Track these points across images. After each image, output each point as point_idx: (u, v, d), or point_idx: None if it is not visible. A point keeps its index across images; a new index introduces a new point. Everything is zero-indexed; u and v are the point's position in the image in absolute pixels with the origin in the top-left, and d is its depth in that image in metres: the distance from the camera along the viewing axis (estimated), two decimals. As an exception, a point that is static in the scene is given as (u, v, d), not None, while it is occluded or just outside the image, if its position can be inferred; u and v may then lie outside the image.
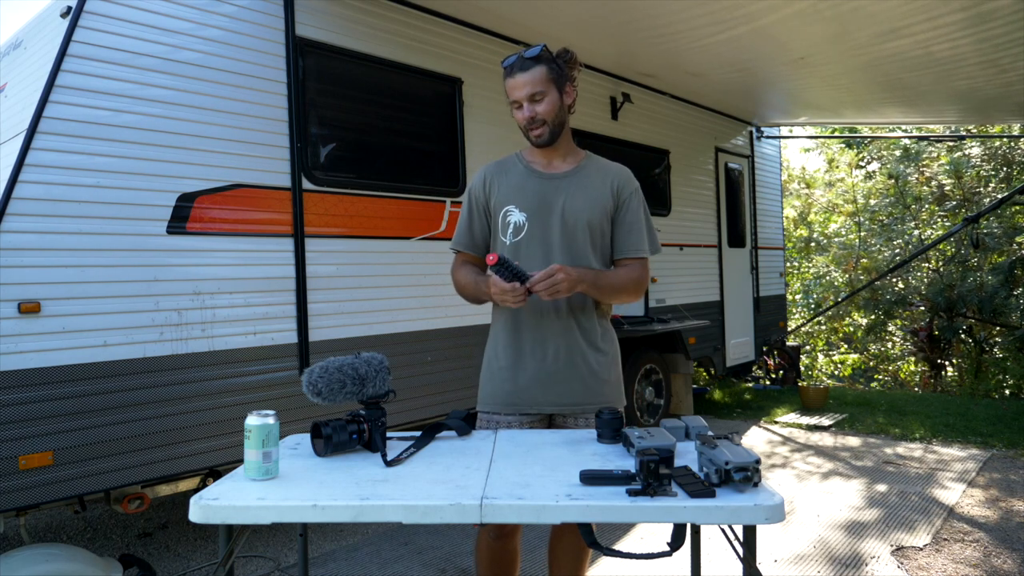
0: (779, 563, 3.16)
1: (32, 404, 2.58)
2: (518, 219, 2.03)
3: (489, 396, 2.08)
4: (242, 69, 3.25)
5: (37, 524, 3.92)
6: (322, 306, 3.49)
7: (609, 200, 2.04)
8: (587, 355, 2.03)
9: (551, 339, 2.00)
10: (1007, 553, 3.22)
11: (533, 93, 1.95)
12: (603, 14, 4.19)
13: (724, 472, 1.37)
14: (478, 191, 2.11)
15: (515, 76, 1.96)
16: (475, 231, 2.13)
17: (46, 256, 2.64)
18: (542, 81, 1.95)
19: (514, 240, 2.03)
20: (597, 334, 2.06)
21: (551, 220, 2.01)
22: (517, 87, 1.96)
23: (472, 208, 2.13)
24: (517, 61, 1.97)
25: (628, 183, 2.09)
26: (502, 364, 2.06)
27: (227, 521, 1.36)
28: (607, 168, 2.11)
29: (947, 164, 10.16)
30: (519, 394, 2.03)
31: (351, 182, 3.67)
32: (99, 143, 2.79)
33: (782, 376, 7.86)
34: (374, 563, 3.24)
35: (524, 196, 2.04)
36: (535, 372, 2.01)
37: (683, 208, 6.22)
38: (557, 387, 2.01)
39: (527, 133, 2.01)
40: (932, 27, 4.16)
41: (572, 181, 2.05)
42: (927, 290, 9.71)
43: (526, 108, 1.97)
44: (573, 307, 2.02)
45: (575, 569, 2.05)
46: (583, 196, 2.02)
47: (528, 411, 2.03)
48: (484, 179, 2.11)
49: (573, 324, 2.02)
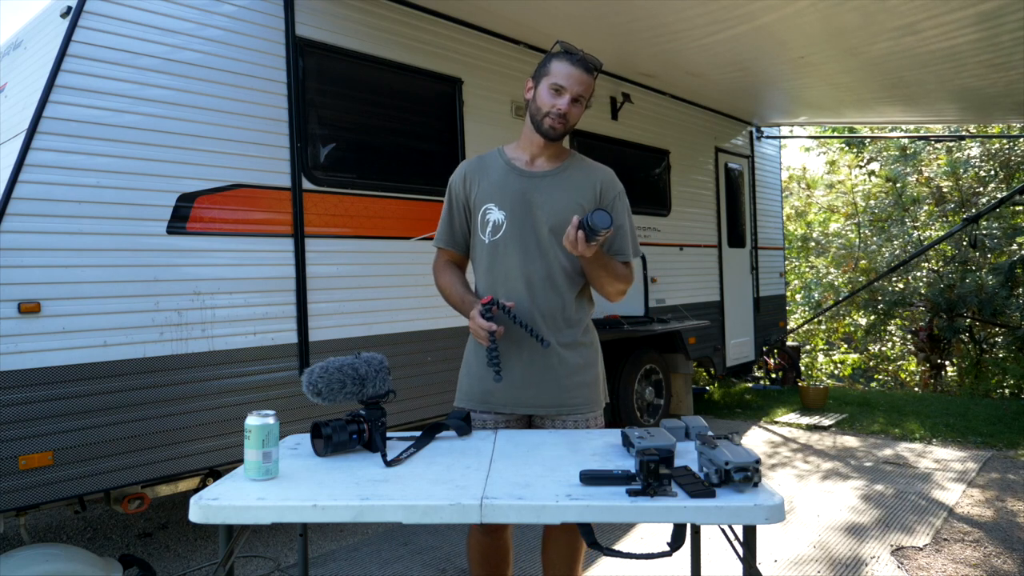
0: (779, 563, 3.16)
1: (32, 404, 2.58)
2: (497, 217, 2.00)
3: (465, 393, 2.07)
4: (242, 69, 3.25)
5: (37, 524, 3.92)
6: (322, 306, 3.49)
7: (591, 201, 2.01)
8: (564, 356, 2.00)
9: (528, 339, 1.96)
10: (1007, 553, 3.22)
11: (581, 94, 1.94)
12: (603, 13, 4.19)
13: (724, 472, 1.37)
14: (458, 188, 2.08)
15: (577, 68, 1.92)
16: (455, 228, 2.10)
17: (46, 256, 2.64)
18: (589, 89, 1.95)
19: (492, 239, 2.01)
20: (576, 334, 2.03)
21: (530, 219, 1.98)
22: (574, 80, 1.92)
23: (452, 205, 2.10)
24: (582, 58, 1.95)
25: (612, 185, 2.06)
26: (480, 362, 2.03)
27: (227, 521, 1.36)
28: (591, 168, 2.08)
29: (945, 165, 10.17)
30: (494, 393, 2.01)
31: (351, 182, 3.67)
32: (99, 143, 2.79)
33: (782, 376, 7.86)
34: (374, 563, 3.23)
35: (504, 194, 2.01)
36: (510, 372, 1.97)
37: (683, 208, 6.22)
38: (533, 388, 1.98)
39: (542, 120, 1.95)
40: (934, 25, 4.16)
41: (554, 181, 2.02)
42: (927, 290, 9.71)
43: (566, 100, 1.93)
44: (552, 307, 1.99)
45: (569, 569, 2.03)
46: (564, 196, 1.99)
47: (502, 410, 2.01)
48: (464, 175, 2.08)
49: (551, 324, 1.99)
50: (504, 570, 2.11)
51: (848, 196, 12.54)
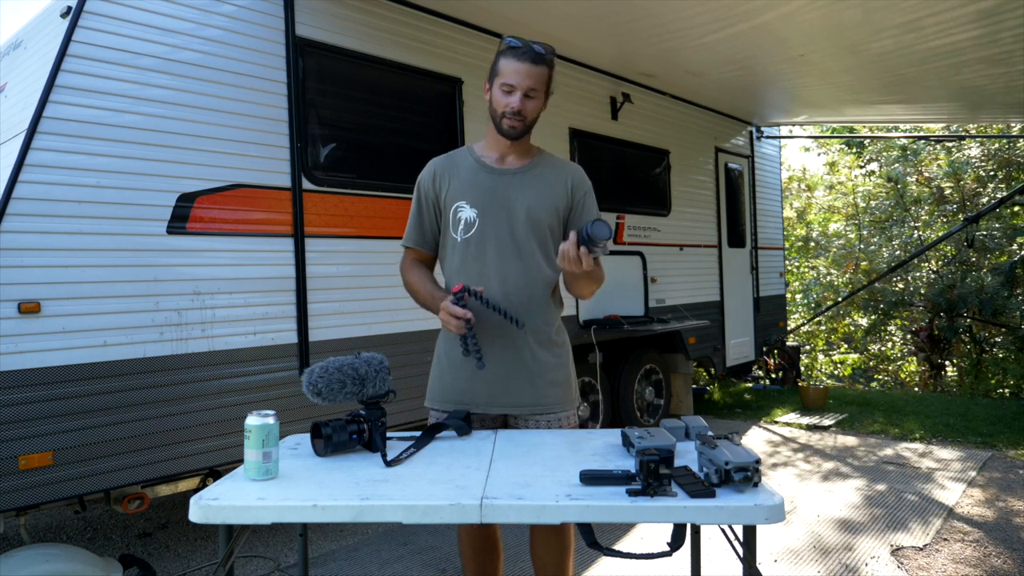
0: (779, 563, 3.16)
1: (32, 404, 2.58)
2: (469, 215, 1.99)
3: (437, 393, 2.05)
4: (242, 69, 3.25)
5: (37, 524, 3.92)
6: (322, 306, 3.49)
7: (563, 198, 2.01)
8: (537, 355, 1.99)
9: (500, 338, 1.95)
10: (1007, 553, 3.22)
11: (532, 87, 1.92)
12: (603, 13, 4.19)
13: (724, 472, 1.37)
14: (427, 186, 2.06)
15: (522, 62, 1.89)
16: (425, 227, 2.08)
17: (46, 256, 2.64)
18: (541, 81, 1.93)
19: (465, 236, 1.99)
20: (550, 332, 2.02)
21: (502, 216, 1.97)
22: (521, 74, 1.89)
23: (421, 203, 2.07)
24: (528, 50, 1.90)
25: (583, 182, 2.06)
26: (451, 362, 2.02)
27: (227, 521, 1.36)
28: (560, 166, 2.07)
29: (946, 166, 10.17)
30: (466, 393, 1.99)
31: (351, 182, 3.66)
32: (99, 143, 2.79)
33: (782, 376, 7.86)
34: (374, 563, 3.23)
35: (475, 192, 1.99)
36: (482, 371, 1.93)
37: (683, 208, 6.22)
38: (505, 388, 1.97)
39: (501, 120, 1.94)
40: (935, 22, 4.16)
41: (525, 178, 2.01)
42: (927, 291, 9.71)
43: (517, 97, 1.91)
44: (524, 304, 1.96)
45: (559, 568, 2.02)
46: (535, 193, 1.99)
47: (475, 411, 1.99)
48: (433, 174, 2.06)
49: (527, 322, 1.96)
50: (495, 560, 2.12)
51: (849, 197, 12.55)
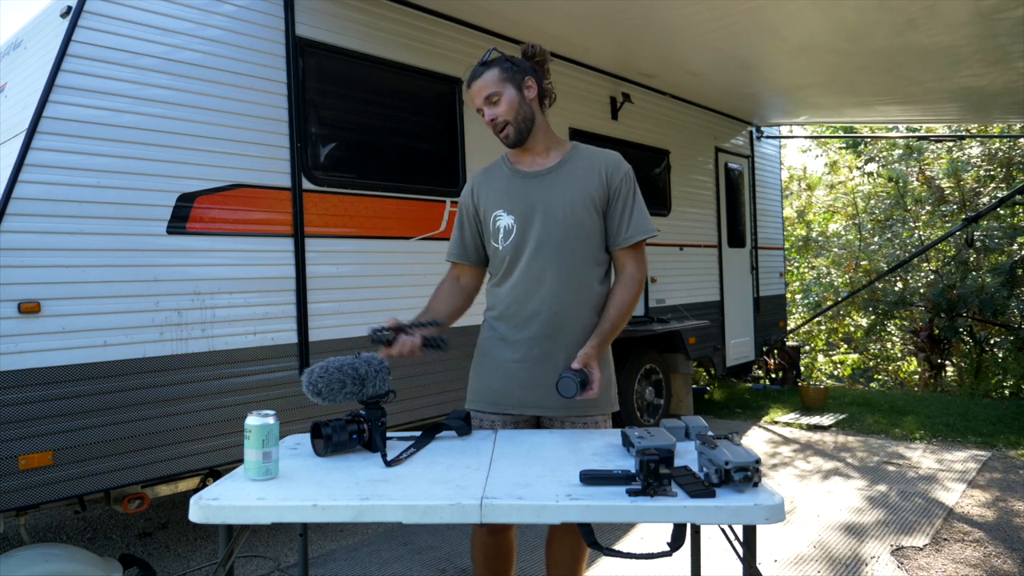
0: (779, 563, 3.16)
1: (32, 404, 2.58)
2: (507, 222, 2.01)
3: (476, 394, 2.08)
4: (242, 69, 3.25)
5: (37, 524, 3.92)
6: (322, 306, 3.49)
7: (598, 189, 1.98)
8: (575, 356, 1.98)
9: (538, 339, 1.97)
10: (1007, 553, 3.22)
11: (488, 95, 1.96)
12: (603, 13, 4.20)
13: (724, 472, 1.37)
14: (467, 201, 2.12)
15: (471, 85, 1.99)
16: (467, 241, 2.13)
17: (46, 256, 2.64)
18: (494, 83, 1.95)
19: (506, 244, 2.01)
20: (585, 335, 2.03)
21: (537, 218, 1.98)
22: (474, 94, 1.99)
23: (463, 218, 2.13)
24: (472, 71, 2.00)
25: (618, 168, 2.01)
26: (488, 362, 2.05)
27: (227, 521, 1.36)
28: (594, 156, 2.04)
29: (946, 166, 10.17)
30: (503, 394, 2.01)
31: (351, 182, 3.66)
32: (99, 143, 2.79)
33: (782, 376, 7.86)
34: (374, 563, 3.23)
35: (510, 199, 2.02)
36: (518, 372, 1.98)
37: (683, 208, 6.22)
38: (541, 389, 1.97)
39: (498, 136, 2.02)
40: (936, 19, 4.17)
41: (557, 176, 2.01)
42: (927, 290, 9.71)
43: (487, 112, 1.97)
44: (567, 305, 1.97)
45: (572, 570, 2.04)
46: (566, 190, 1.98)
47: (511, 412, 2.00)
48: (472, 189, 2.12)
49: (576, 319, 1.98)
50: (508, 570, 2.11)
51: (849, 197, 12.55)
